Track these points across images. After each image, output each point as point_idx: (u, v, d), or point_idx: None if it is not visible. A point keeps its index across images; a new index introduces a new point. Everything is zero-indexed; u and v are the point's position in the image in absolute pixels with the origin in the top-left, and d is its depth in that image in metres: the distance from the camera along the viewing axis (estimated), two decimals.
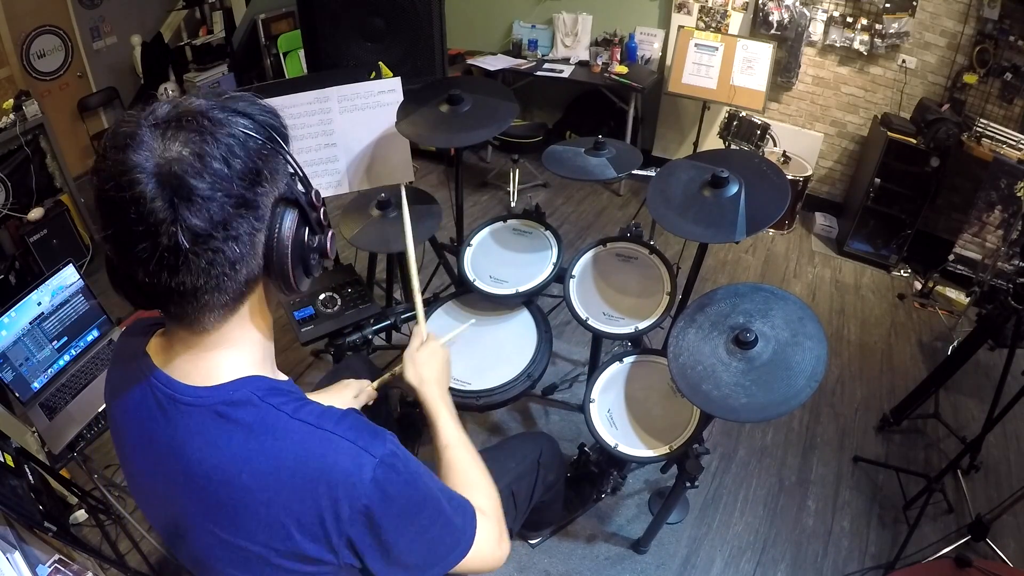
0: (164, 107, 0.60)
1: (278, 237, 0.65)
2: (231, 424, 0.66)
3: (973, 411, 2.45)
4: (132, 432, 0.73)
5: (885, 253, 3.36)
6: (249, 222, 0.61)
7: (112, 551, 1.67)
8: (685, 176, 1.60)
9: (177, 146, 0.57)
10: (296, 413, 0.67)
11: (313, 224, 0.70)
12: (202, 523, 0.70)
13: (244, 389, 0.68)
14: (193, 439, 0.67)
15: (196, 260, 0.59)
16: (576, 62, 4.02)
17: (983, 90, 3.07)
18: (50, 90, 3.63)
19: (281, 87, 1.89)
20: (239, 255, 0.62)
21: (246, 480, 0.65)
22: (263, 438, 0.65)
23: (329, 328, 1.73)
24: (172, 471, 0.68)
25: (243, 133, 0.60)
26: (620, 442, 1.52)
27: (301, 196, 0.68)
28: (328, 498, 0.64)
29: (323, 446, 0.66)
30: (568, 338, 2.64)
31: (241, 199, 0.60)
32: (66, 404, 1.78)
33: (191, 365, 0.69)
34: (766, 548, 1.92)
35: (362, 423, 0.70)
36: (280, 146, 0.64)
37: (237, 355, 0.70)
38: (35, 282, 1.78)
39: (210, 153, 0.57)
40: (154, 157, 0.56)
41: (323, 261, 0.74)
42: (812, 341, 1.30)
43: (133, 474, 0.77)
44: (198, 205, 0.56)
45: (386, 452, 0.68)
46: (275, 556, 0.67)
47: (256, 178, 0.61)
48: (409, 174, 2.08)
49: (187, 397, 0.67)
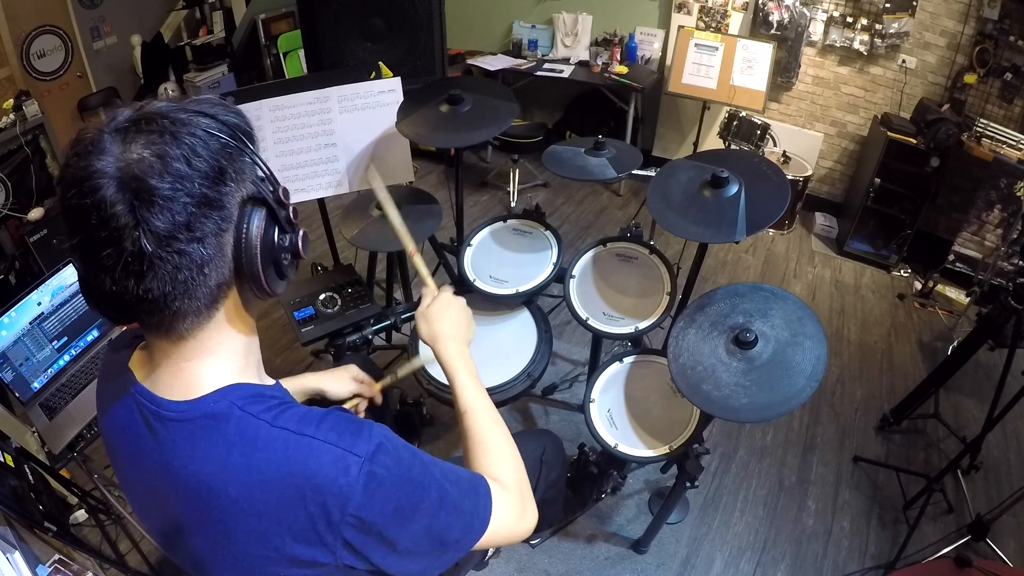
0: (125, 112, 0.59)
1: (246, 237, 0.63)
2: (215, 437, 0.65)
3: (973, 411, 2.45)
4: (123, 448, 0.73)
5: (885, 253, 3.36)
6: (215, 222, 0.60)
7: (112, 551, 1.67)
8: (685, 176, 1.60)
9: (138, 148, 0.56)
10: (276, 420, 0.66)
11: (282, 222, 0.67)
12: (198, 538, 0.69)
13: (224, 400, 0.66)
14: (180, 455, 0.66)
15: (161, 264, 0.57)
16: (576, 62, 4.02)
17: (983, 90, 3.07)
18: (50, 90, 3.63)
19: (281, 87, 1.89)
20: (206, 257, 0.60)
21: (234, 493, 0.64)
22: (245, 451, 0.64)
23: (329, 328, 1.73)
24: (164, 487, 0.68)
25: (205, 132, 0.59)
26: (620, 442, 1.52)
27: (268, 194, 0.66)
28: (316, 504, 0.64)
29: (305, 453, 0.65)
30: (568, 338, 2.64)
31: (204, 199, 0.58)
32: (66, 404, 1.78)
33: (173, 377, 0.68)
34: (766, 548, 1.92)
35: (344, 422, 0.69)
36: (245, 145, 0.63)
37: (217, 363, 0.68)
38: (35, 282, 1.78)
39: (170, 153, 0.56)
40: (116, 161, 0.55)
41: (296, 261, 0.72)
42: (812, 341, 1.30)
43: (127, 486, 0.77)
44: (159, 206, 0.55)
45: (371, 449, 0.67)
46: (272, 563, 0.67)
47: (220, 177, 0.60)
48: (409, 174, 2.08)
49: (171, 412, 0.66)
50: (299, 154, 1.92)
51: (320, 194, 1.98)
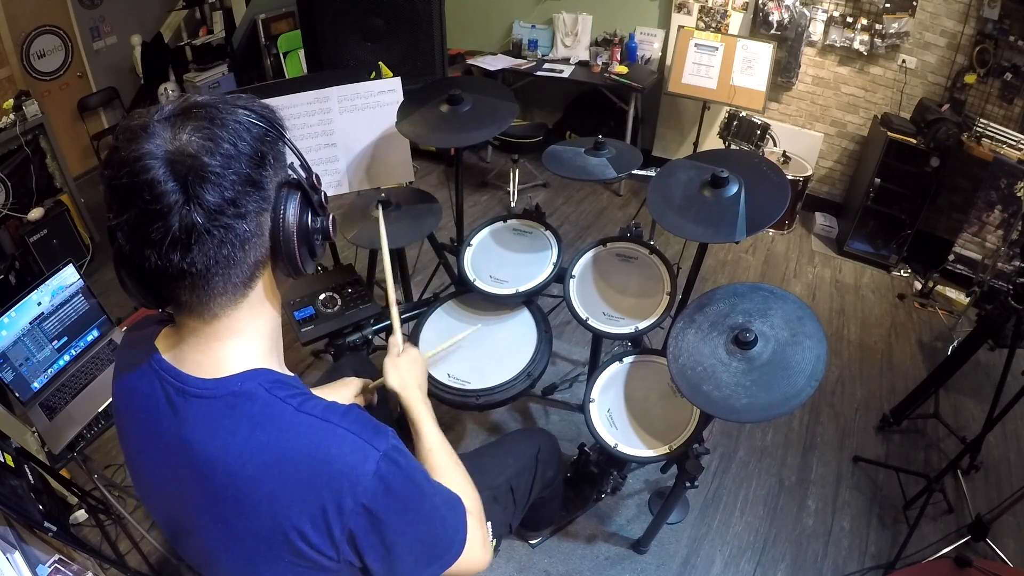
0: (170, 105, 0.63)
1: (284, 217, 0.68)
2: (238, 415, 0.67)
3: (973, 411, 2.45)
4: (139, 426, 0.74)
5: (885, 253, 3.36)
6: (256, 202, 0.64)
7: (112, 551, 1.67)
8: (685, 176, 1.60)
9: (187, 132, 0.60)
10: (302, 406, 0.69)
11: (315, 206, 0.72)
12: (207, 517, 0.70)
13: (252, 381, 0.69)
14: (200, 431, 0.68)
15: (208, 237, 0.61)
16: (576, 62, 4.02)
17: (983, 90, 3.07)
18: (50, 90, 3.63)
19: (281, 87, 1.89)
20: (247, 234, 0.64)
21: (251, 471, 0.66)
22: (269, 430, 0.67)
23: (329, 328, 1.73)
24: (178, 463, 0.69)
25: (247, 120, 0.64)
26: (620, 442, 1.52)
27: (303, 180, 0.71)
28: (330, 489, 0.65)
29: (328, 438, 0.67)
30: (568, 338, 2.64)
31: (249, 179, 0.63)
32: (66, 404, 1.78)
33: (201, 355, 0.70)
34: (766, 548, 1.92)
35: (365, 418, 0.72)
36: (281, 134, 0.68)
37: (245, 346, 0.71)
38: (35, 282, 1.78)
39: (220, 135, 0.61)
40: (166, 144, 0.59)
41: (325, 243, 0.77)
42: (812, 340, 1.30)
43: (138, 469, 0.78)
44: (211, 182, 0.60)
45: (389, 447, 0.69)
46: (278, 550, 0.67)
47: (261, 161, 0.64)
48: (409, 174, 2.08)
49: (196, 389, 0.69)
50: None
51: None
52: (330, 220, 0.75)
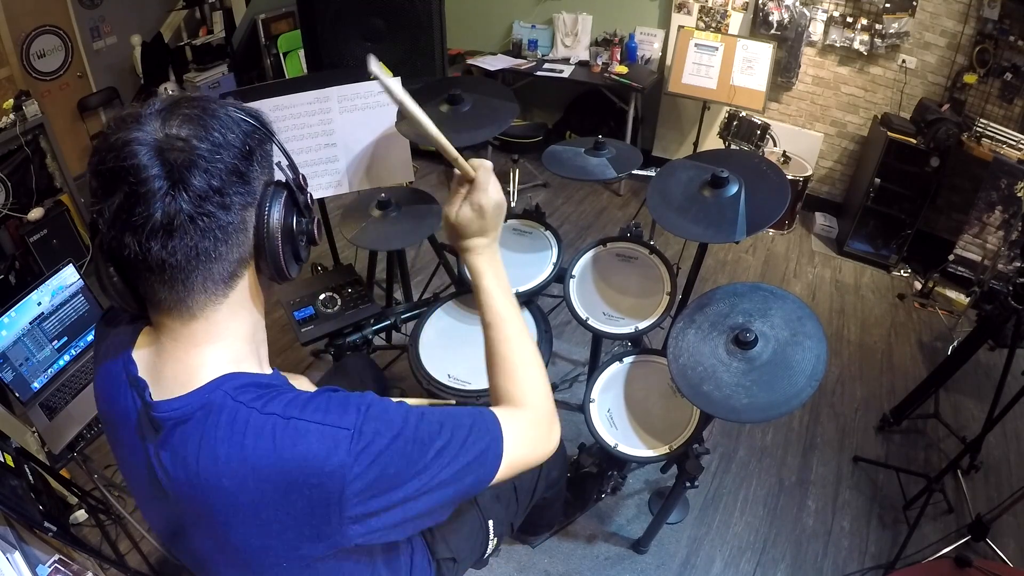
0: (160, 100, 0.64)
1: (268, 215, 0.67)
2: (208, 431, 0.65)
3: (973, 411, 2.45)
4: (121, 440, 0.73)
5: (885, 253, 3.36)
6: (241, 196, 0.64)
7: (112, 551, 1.67)
8: (685, 176, 1.60)
9: (177, 120, 0.61)
10: (265, 407, 0.66)
11: (301, 207, 0.72)
12: (197, 529, 0.69)
13: (219, 391, 0.67)
14: (175, 455, 0.66)
15: (190, 227, 0.60)
16: (576, 62, 4.02)
17: (983, 90, 3.07)
18: (50, 90, 3.63)
19: (281, 87, 1.88)
20: (231, 227, 0.64)
21: (227, 484, 0.64)
22: (238, 439, 0.64)
23: (329, 328, 1.73)
24: (162, 479, 0.68)
25: (237, 116, 0.65)
26: (620, 442, 1.52)
27: (290, 179, 0.71)
28: (313, 487, 0.64)
29: (293, 436, 0.64)
30: (568, 338, 2.64)
31: (236, 170, 0.63)
32: (66, 404, 1.78)
33: (177, 364, 0.68)
34: (766, 548, 1.92)
35: (330, 400, 0.68)
36: (269, 134, 0.68)
37: (221, 351, 0.69)
38: (35, 282, 1.78)
39: (210, 124, 0.62)
40: (155, 132, 0.60)
41: (310, 247, 0.75)
42: (812, 340, 1.30)
43: (127, 476, 0.77)
44: (199, 166, 0.60)
45: (357, 419, 0.66)
46: (273, 554, 0.67)
47: (249, 155, 0.65)
48: (409, 174, 2.08)
49: (168, 414, 0.66)
50: (299, 154, 1.92)
51: (320, 194, 1.98)
52: (315, 223, 0.74)
